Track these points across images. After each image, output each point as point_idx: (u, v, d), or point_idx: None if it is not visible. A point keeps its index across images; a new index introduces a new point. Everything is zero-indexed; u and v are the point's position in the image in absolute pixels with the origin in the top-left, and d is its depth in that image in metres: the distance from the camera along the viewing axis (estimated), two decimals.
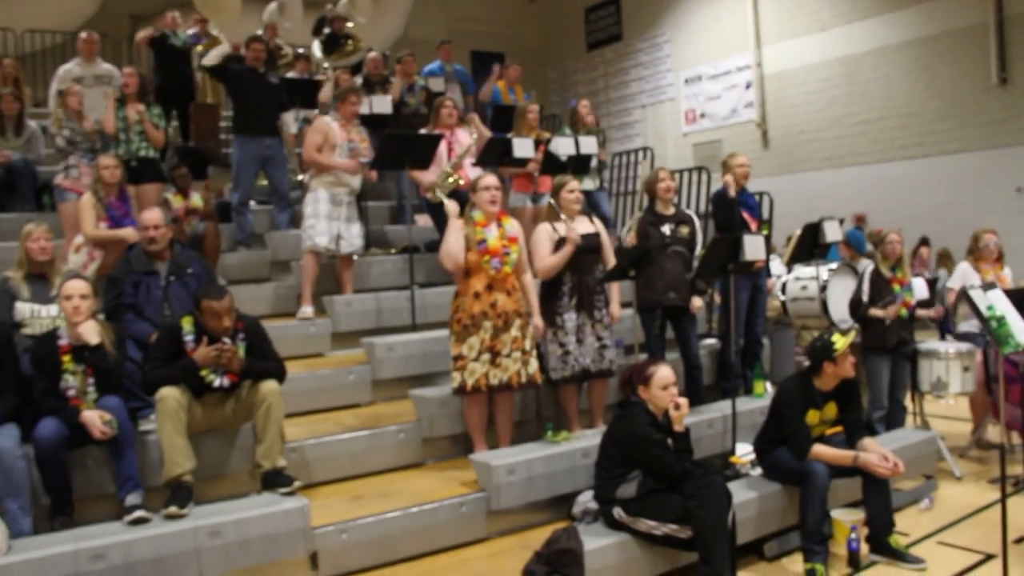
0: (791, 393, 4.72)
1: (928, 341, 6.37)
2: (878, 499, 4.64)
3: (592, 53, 19.79)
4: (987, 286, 4.34)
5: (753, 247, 5.31)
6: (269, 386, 4.52)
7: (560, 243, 5.39)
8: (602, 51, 19.54)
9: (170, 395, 4.31)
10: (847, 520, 4.74)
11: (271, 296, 7.14)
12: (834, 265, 7.20)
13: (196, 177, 9.32)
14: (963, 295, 4.27)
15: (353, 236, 6.89)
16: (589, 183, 8.04)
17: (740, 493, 4.74)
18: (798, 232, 6.33)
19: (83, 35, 8.60)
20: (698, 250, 5.91)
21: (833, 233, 6.23)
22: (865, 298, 6.24)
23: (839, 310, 6.84)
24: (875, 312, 6.14)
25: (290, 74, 9.91)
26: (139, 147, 7.19)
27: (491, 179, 5.29)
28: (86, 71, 8.49)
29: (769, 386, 6.51)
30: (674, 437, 4.27)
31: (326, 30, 11.21)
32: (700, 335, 7.19)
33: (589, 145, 7.23)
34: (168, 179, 7.57)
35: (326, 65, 10.26)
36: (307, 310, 6.70)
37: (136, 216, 6.84)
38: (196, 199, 7.49)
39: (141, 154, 7.21)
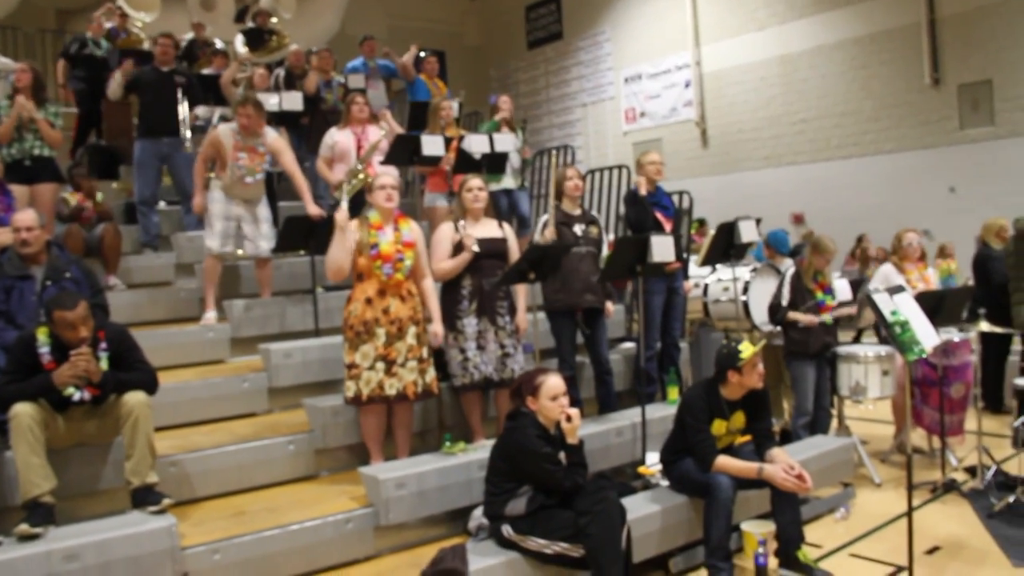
0: (695, 401, 4.50)
1: (847, 345, 6.21)
2: (786, 512, 4.43)
3: (533, 51, 19.61)
4: (894, 290, 4.16)
5: (661, 248, 5.09)
6: (135, 398, 4.20)
7: (460, 245, 5.14)
8: (543, 49, 19.37)
9: (23, 411, 3.97)
10: (756, 533, 4.53)
11: (172, 300, 6.78)
12: (757, 265, 7.04)
13: (107, 176, 9.03)
14: (866, 299, 4.07)
15: (260, 237, 6.41)
16: (510, 182, 7.80)
17: (643, 506, 4.53)
18: (711, 232, 6.13)
19: None
20: (604, 251, 5.69)
21: (749, 233, 6.04)
22: (784, 302, 6.07)
23: (761, 312, 6.67)
24: (794, 315, 5.97)
25: (206, 70, 9.59)
26: (33, 145, 6.77)
27: (388, 178, 5.04)
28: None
29: None
30: (567, 450, 4.03)
31: (249, 23, 10.86)
32: (620, 338, 7.01)
33: (504, 142, 6.97)
34: (66, 178, 7.17)
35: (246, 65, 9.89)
36: (209, 315, 6.34)
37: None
38: (99, 197, 7.13)
39: (35, 153, 6.79)
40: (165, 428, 5.25)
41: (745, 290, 6.79)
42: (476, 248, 5.08)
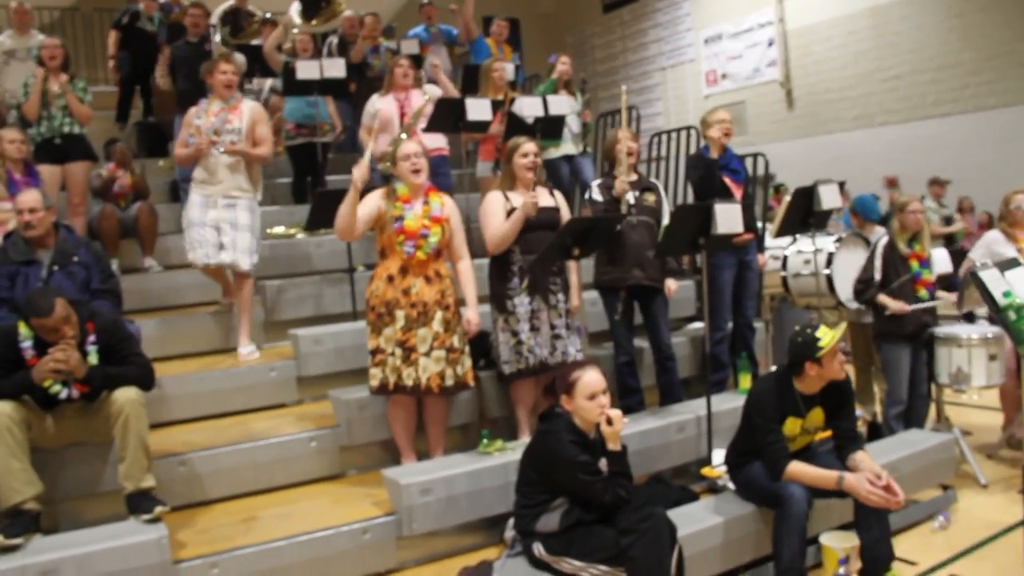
0: (765, 397, 3.85)
1: (948, 324, 5.44)
2: (872, 526, 3.78)
3: (609, 15, 18.83)
4: (1006, 264, 3.44)
5: (727, 218, 4.43)
6: (125, 395, 3.76)
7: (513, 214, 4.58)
8: (619, 12, 18.57)
9: (1, 411, 3.58)
10: (837, 548, 3.87)
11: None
12: (843, 235, 6.28)
13: (156, 154, 8.80)
14: (972, 276, 3.36)
15: (238, 247, 5.35)
16: (571, 147, 7.21)
17: (703, 516, 3.93)
18: (787, 199, 5.40)
19: (13, 4, 7.86)
20: (665, 221, 5.05)
21: (830, 199, 5.27)
22: (877, 276, 5.34)
23: (847, 287, 5.93)
24: (883, 300, 5.24)
25: (255, 41, 9.25)
26: (63, 123, 6.45)
27: (412, 146, 4.50)
28: (19, 43, 7.74)
29: None
30: (608, 457, 3.45)
31: None
32: (689, 317, 6.37)
33: (559, 105, 6.35)
34: (98, 156, 6.87)
35: (294, 30, 9.49)
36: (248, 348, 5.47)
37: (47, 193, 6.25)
38: (129, 175, 6.81)
39: (66, 130, 6.46)
40: (184, 422, 4.91)
41: (829, 262, 6.05)
42: (535, 204, 4.49)
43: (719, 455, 4.60)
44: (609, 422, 3.40)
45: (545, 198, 4.73)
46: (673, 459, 4.76)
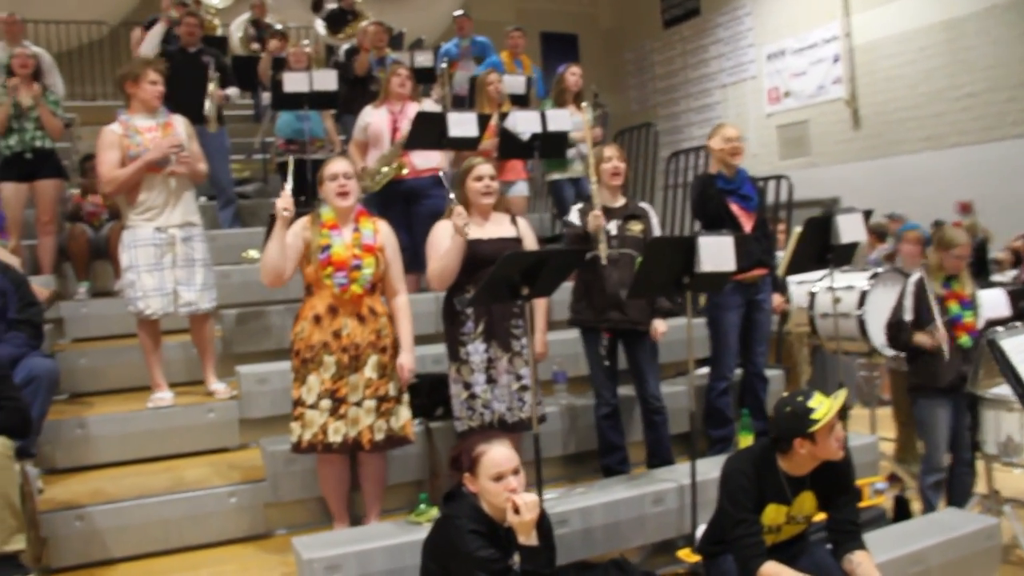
0: (738, 479, 3.12)
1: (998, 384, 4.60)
2: None
3: (669, 30, 18.15)
4: None
5: (714, 252, 3.72)
6: None
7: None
8: (679, 28, 17.88)
9: None
10: None
11: None
12: (879, 270, 5.50)
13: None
14: (990, 344, 2.59)
15: (195, 287, 4.66)
16: (579, 168, 6.56)
17: None
18: (798, 229, 4.62)
19: (3, 15, 7.60)
20: None
21: (852, 231, 4.47)
22: (908, 317, 4.58)
23: (880, 331, 5.15)
24: (920, 340, 4.48)
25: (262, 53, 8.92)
26: (34, 136, 6.08)
27: (340, 165, 3.90)
28: (8, 56, 7.47)
29: None
30: (520, 552, 2.77)
31: (331, 5, 10.18)
32: (701, 360, 5.64)
33: (559, 120, 5.70)
34: (67, 174, 6.53)
35: (305, 41, 9.07)
36: (163, 396, 4.72)
37: (4, 210, 5.91)
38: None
39: (37, 144, 6.09)
40: (109, 466, 4.41)
41: (862, 302, 5.28)
42: (467, 231, 3.84)
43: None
44: (517, 511, 2.72)
45: (506, 227, 4.09)
46: (648, 535, 4.02)
